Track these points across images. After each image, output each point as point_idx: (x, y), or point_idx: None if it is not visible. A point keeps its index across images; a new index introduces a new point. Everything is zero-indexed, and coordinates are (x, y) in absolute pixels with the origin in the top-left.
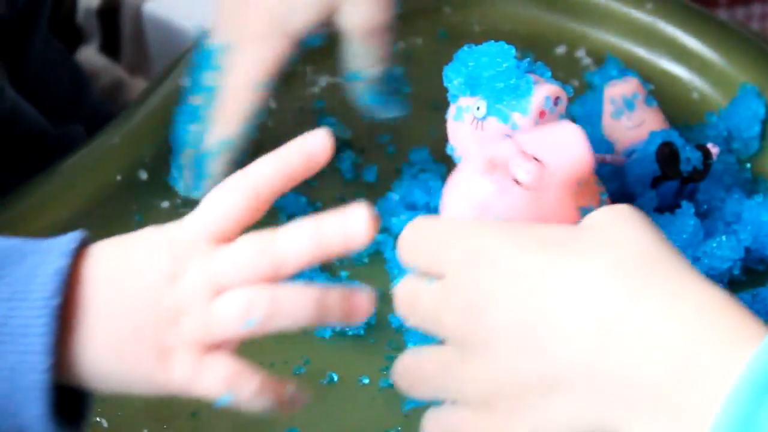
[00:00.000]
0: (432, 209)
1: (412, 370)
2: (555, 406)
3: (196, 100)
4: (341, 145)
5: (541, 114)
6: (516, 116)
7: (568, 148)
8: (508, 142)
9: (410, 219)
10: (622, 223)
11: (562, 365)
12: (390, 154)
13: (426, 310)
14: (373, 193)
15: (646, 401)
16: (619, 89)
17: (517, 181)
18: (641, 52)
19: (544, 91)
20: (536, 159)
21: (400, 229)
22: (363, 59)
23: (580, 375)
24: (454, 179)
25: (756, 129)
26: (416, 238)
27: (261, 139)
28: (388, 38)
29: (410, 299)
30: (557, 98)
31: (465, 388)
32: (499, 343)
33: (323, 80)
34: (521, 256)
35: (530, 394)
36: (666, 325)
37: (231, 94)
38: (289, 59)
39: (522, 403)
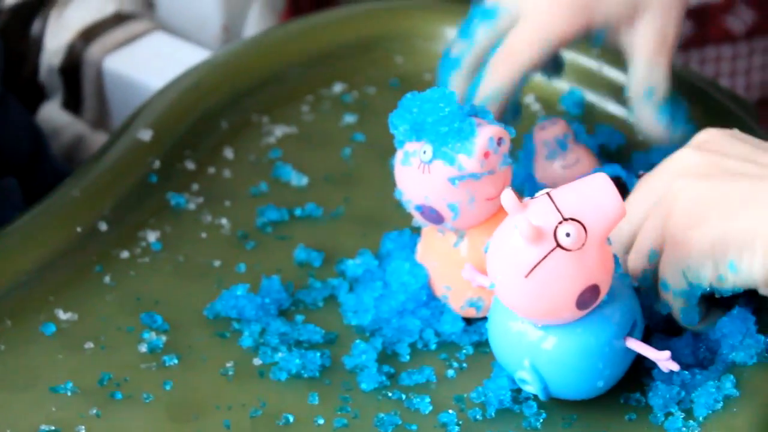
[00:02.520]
0: (388, 255)
1: None
2: None
3: (458, 48)
4: (299, 194)
5: (486, 155)
6: (461, 158)
7: (605, 207)
8: (545, 200)
9: (363, 263)
10: None
11: None
12: (346, 202)
13: None
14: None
15: None
16: (549, 132)
17: (560, 245)
18: (589, 96)
19: (488, 132)
20: (576, 220)
21: (354, 274)
22: (648, 77)
23: None
24: (500, 243)
25: None
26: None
27: (219, 189)
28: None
29: None
30: (500, 139)
31: None
32: None
33: (279, 130)
34: None
35: None
36: None
37: (509, 50)
38: (576, 40)
39: None
